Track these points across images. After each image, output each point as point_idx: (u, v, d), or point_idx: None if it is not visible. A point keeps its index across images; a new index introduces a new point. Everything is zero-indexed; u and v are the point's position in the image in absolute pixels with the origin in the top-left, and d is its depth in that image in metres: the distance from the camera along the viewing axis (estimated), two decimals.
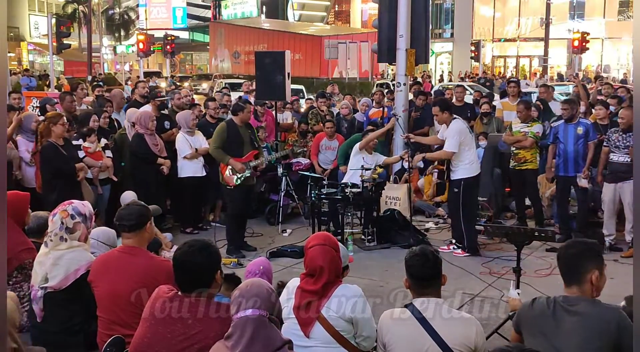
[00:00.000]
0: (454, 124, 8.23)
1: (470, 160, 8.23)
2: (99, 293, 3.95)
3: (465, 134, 8.18)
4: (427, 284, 3.46)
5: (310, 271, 3.69)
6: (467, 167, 8.24)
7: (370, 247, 8.65)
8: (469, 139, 8.25)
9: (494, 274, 7.53)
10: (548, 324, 3.20)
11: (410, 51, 11.21)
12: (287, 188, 9.86)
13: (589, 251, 3.27)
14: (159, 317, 3.30)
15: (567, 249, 3.30)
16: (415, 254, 3.51)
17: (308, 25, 53.41)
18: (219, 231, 8.75)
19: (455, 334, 3.33)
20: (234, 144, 8.31)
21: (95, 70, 40.52)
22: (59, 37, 23.70)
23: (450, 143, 8.15)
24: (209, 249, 3.35)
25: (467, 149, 8.18)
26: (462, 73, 43.32)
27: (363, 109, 12.06)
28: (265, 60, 10.26)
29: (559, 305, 3.23)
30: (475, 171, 8.30)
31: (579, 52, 32.42)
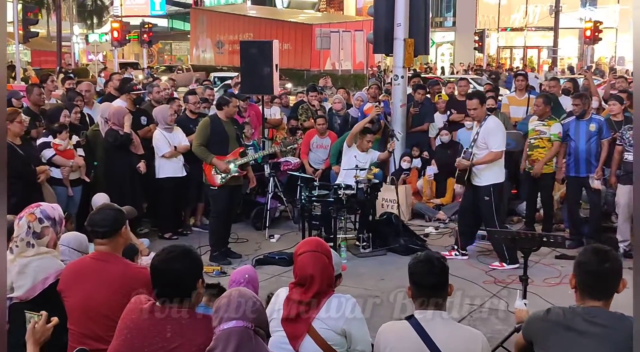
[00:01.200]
0: (492, 120, 8.06)
1: (499, 163, 8.10)
2: (70, 304, 3.94)
3: (504, 130, 8.09)
4: (431, 294, 3.46)
5: (300, 280, 3.70)
6: (497, 170, 8.09)
7: (365, 254, 8.66)
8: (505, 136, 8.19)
9: (498, 283, 7.55)
10: (567, 336, 3.20)
11: (409, 41, 11.24)
12: (275, 190, 9.85)
13: (621, 264, 3.28)
14: (135, 329, 3.30)
15: (601, 263, 3.22)
16: (419, 260, 3.51)
17: (298, 13, 53.40)
18: (201, 236, 8.74)
19: (459, 351, 3.34)
20: (218, 140, 8.31)
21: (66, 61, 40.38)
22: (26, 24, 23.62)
23: (497, 141, 7.95)
24: (190, 256, 3.35)
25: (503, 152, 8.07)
26: (465, 65, 43.42)
27: (357, 103, 12.08)
28: (251, 51, 10.27)
29: (579, 316, 3.23)
30: (503, 177, 8.20)
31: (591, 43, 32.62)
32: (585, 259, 3.28)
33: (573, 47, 46.19)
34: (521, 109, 11.23)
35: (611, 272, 3.21)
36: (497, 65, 45.35)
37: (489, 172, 8.05)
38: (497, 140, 7.95)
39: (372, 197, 9.08)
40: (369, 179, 9.03)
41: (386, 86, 15.21)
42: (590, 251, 3.30)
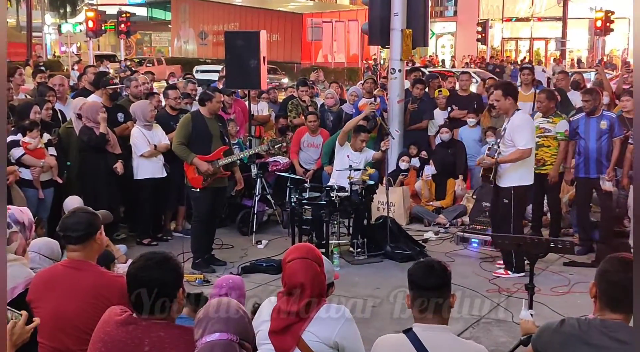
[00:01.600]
0: (520, 115, 7.89)
1: (527, 164, 7.92)
2: (40, 315, 3.92)
3: (533, 128, 7.92)
4: (431, 295, 3.45)
5: (289, 288, 3.69)
6: (522, 172, 7.91)
7: (360, 260, 8.67)
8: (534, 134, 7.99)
9: (503, 293, 7.57)
10: (583, 350, 3.20)
11: (407, 32, 11.26)
12: (263, 192, 9.85)
13: None
14: (110, 343, 3.28)
15: (624, 272, 3.19)
16: (420, 264, 3.55)
17: (287, 1, 53.37)
18: (183, 242, 8.72)
19: None
20: (201, 139, 8.31)
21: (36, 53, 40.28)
22: None
23: (524, 138, 7.75)
24: (169, 263, 3.34)
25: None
26: (467, 58, 43.56)
27: (351, 99, 12.08)
28: (237, 42, 10.26)
29: (596, 329, 3.22)
30: (529, 179, 8.00)
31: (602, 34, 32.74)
32: (609, 267, 3.25)
33: (583, 39, 46.38)
34: (527, 105, 11.21)
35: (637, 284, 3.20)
36: (502, 58, 45.48)
37: (513, 173, 7.88)
38: (524, 137, 7.75)
39: (367, 200, 9.09)
40: (363, 181, 9.03)
41: (382, 81, 15.23)
42: (615, 260, 3.29)
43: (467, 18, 47.60)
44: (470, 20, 45.89)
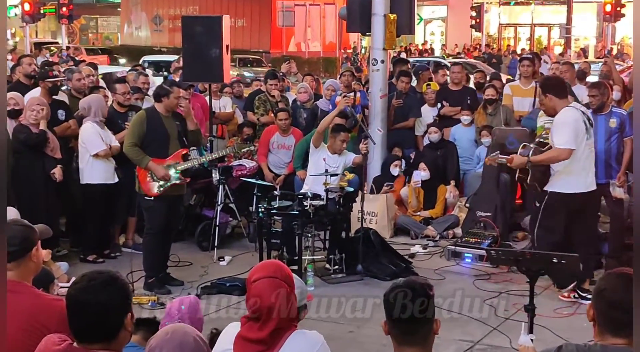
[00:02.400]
0: (562, 113, 7.67)
1: (573, 170, 7.68)
2: None
3: (579, 127, 7.61)
4: (411, 330, 3.44)
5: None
6: (566, 178, 7.71)
7: (338, 279, 8.68)
8: (582, 135, 7.65)
9: (499, 315, 7.61)
10: None
11: (390, 17, 11.30)
12: (226, 200, 9.83)
13: None
14: None
15: (628, 291, 3.20)
16: (396, 287, 3.46)
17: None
18: (134, 258, 8.68)
19: None
20: (156, 140, 8.30)
21: None
22: None
23: (564, 136, 7.54)
24: (116, 284, 3.32)
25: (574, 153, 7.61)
26: (460, 47, 43.78)
27: (328, 94, 12.11)
28: (196, 28, 10.24)
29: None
30: (573, 187, 7.72)
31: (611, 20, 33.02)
32: (607, 285, 3.28)
33: (590, 25, 46.78)
34: (527, 101, 11.36)
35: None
36: (499, 46, 45.79)
37: (557, 178, 7.73)
38: (564, 136, 7.57)
39: (345, 210, 9.10)
40: (341, 187, 9.05)
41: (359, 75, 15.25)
42: (614, 277, 3.31)
43: (460, 1, 47.81)
44: (463, 4, 46.08)
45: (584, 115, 7.71)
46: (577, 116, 7.65)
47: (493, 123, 11.07)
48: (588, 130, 7.71)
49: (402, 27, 11.63)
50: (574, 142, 7.57)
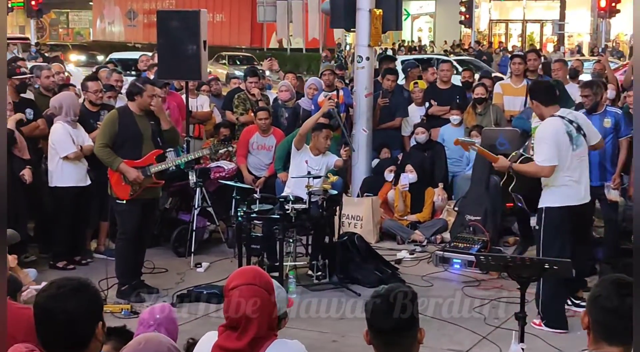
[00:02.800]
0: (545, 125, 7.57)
1: (558, 182, 7.48)
2: None
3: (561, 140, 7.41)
4: (394, 340, 3.43)
5: (232, 321, 3.68)
6: (554, 191, 7.52)
7: (321, 286, 8.68)
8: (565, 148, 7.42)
9: (489, 324, 7.62)
10: None
11: (376, 13, 11.31)
12: (203, 204, 9.81)
13: None
14: None
15: (623, 298, 3.22)
16: (378, 296, 3.47)
17: None
18: (106, 265, 8.66)
19: None
20: (129, 140, 8.28)
21: None
22: None
23: (542, 152, 7.43)
24: (86, 291, 3.31)
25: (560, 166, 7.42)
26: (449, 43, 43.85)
27: (310, 92, 12.10)
28: (172, 23, 10.23)
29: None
30: (565, 200, 7.46)
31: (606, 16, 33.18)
32: (602, 292, 3.28)
33: (585, 22, 47.01)
34: (518, 100, 11.40)
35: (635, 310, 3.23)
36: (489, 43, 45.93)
37: (546, 192, 7.56)
38: (543, 152, 7.43)
39: (329, 213, 9.10)
40: (324, 190, 9.04)
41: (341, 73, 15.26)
42: (609, 283, 3.30)
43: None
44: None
45: (570, 124, 7.46)
46: (559, 128, 7.46)
47: (483, 123, 11.10)
48: (574, 139, 7.44)
49: (388, 23, 11.64)
50: (554, 158, 7.38)
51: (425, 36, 52.65)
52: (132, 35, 49.35)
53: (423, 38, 52.16)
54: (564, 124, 7.44)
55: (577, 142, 7.47)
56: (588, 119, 8.90)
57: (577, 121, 7.55)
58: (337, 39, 41.61)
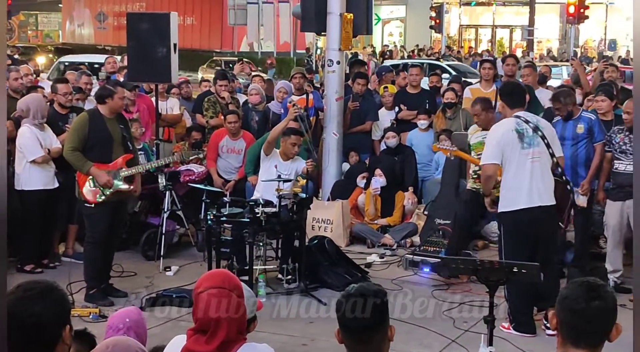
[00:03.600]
0: (496, 126, 7.68)
1: (508, 184, 7.46)
2: None
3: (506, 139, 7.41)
4: (365, 339, 3.47)
5: (202, 325, 3.66)
6: (504, 194, 7.52)
7: (290, 289, 8.67)
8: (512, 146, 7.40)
9: (458, 327, 7.66)
10: None
11: (347, 17, 11.33)
12: (173, 207, 9.78)
13: (615, 303, 3.29)
14: None
15: (590, 300, 3.24)
16: (349, 295, 3.51)
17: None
18: (74, 268, 8.61)
19: None
20: (99, 144, 8.25)
21: None
22: None
23: (485, 152, 7.60)
24: (53, 294, 3.29)
25: (507, 166, 7.44)
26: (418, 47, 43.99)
27: (280, 96, 12.10)
28: (142, 26, 10.21)
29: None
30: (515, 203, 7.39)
31: (575, 22, 33.47)
32: (571, 293, 3.30)
33: (553, 27, 47.42)
34: None
35: (602, 313, 3.23)
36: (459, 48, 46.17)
37: (501, 196, 7.56)
38: (486, 151, 7.59)
39: (299, 217, 9.09)
40: (295, 194, 9.05)
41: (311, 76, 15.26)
42: (577, 285, 3.33)
43: (419, 1, 48.18)
44: (423, 4, 46.43)
45: (525, 123, 7.40)
46: (507, 126, 7.45)
47: (452, 127, 11.15)
48: (526, 138, 7.35)
49: (359, 27, 11.66)
50: (494, 156, 7.41)
51: (396, 40, 52.81)
52: (102, 37, 49.10)
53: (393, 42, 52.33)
54: (515, 123, 7.41)
55: (529, 141, 7.37)
56: (564, 125, 8.97)
57: (538, 124, 7.51)
58: (308, 42, 41.65)
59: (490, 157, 7.46)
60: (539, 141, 7.42)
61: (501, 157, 7.38)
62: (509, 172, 7.41)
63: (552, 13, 46.19)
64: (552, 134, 7.67)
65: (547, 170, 7.52)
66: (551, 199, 7.48)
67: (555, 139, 7.71)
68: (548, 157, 7.50)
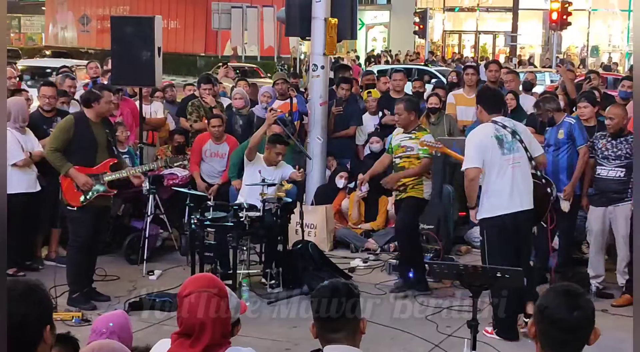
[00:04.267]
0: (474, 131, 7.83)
1: (488, 189, 7.50)
2: None
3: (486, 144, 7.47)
4: (336, 327, 3.53)
5: (186, 328, 3.66)
6: (484, 200, 7.54)
7: (274, 294, 8.67)
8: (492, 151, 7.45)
9: (441, 332, 7.67)
10: None
11: (331, 22, 11.35)
12: (156, 211, 9.76)
13: (593, 310, 3.29)
14: None
15: (570, 310, 3.23)
16: (322, 288, 3.63)
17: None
18: (57, 271, 8.57)
19: None
20: (84, 147, 8.23)
21: None
22: None
23: (466, 156, 7.61)
24: (36, 294, 3.27)
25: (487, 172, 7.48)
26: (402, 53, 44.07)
27: (264, 100, 12.09)
28: (126, 29, 10.20)
29: None
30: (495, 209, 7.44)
31: (557, 28, 33.63)
32: (549, 303, 3.28)
33: (536, 34, 47.59)
34: (471, 110, 11.45)
35: (582, 322, 3.23)
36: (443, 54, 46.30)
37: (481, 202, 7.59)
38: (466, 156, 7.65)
39: (283, 221, 9.10)
40: (279, 198, 9.04)
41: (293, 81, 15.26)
42: (556, 293, 3.32)
43: (403, 6, 48.28)
44: (407, 10, 46.57)
45: (503, 129, 7.49)
46: (486, 132, 7.53)
47: (436, 133, 11.11)
48: (505, 144, 7.44)
49: (343, 32, 11.69)
50: (474, 160, 7.45)
51: (379, 46, 52.88)
52: (85, 41, 49.00)
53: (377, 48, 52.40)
54: (494, 129, 7.48)
55: (509, 147, 7.46)
56: (547, 130, 9.01)
57: (515, 129, 7.57)
58: (291, 47, 41.64)
59: (471, 161, 7.47)
60: (518, 146, 7.51)
61: (482, 161, 7.43)
62: (490, 178, 7.45)
63: (535, 19, 46.33)
64: (529, 137, 7.74)
65: (528, 175, 7.60)
66: (530, 204, 7.54)
67: (532, 141, 7.78)
68: (527, 161, 7.59)
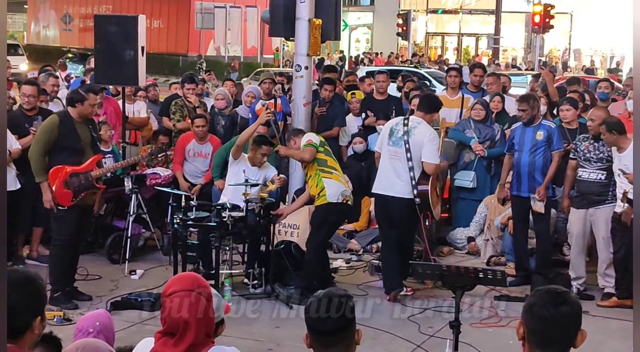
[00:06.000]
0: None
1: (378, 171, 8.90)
2: None
3: (383, 136, 8.84)
4: (332, 341, 3.51)
5: (170, 328, 3.65)
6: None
7: (257, 294, 8.66)
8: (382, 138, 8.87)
9: (424, 332, 7.70)
10: None
11: (315, 22, 11.34)
12: (139, 210, 9.74)
13: (580, 310, 3.34)
14: None
15: (557, 306, 3.29)
16: (317, 299, 3.58)
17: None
18: (39, 271, 8.51)
19: None
20: (69, 146, 8.23)
21: None
22: None
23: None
24: (31, 285, 3.28)
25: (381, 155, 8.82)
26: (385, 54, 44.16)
27: (248, 101, 12.08)
28: (109, 28, 10.18)
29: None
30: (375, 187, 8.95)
31: (540, 31, 33.80)
32: (537, 301, 3.33)
33: (519, 36, 47.85)
34: (454, 112, 11.52)
35: (569, 319, 3.28)
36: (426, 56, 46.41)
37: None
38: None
39: (265, 222, 9.09)
40: (262, 198, 9.03)
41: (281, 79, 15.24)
42: (543, 293, 3.36)
43: (386, 8, 48.39)
44: (390, 11, 46.69)
45: (402, 125, 8.56)
46: (390, 123, 8.86)
47: None
48: (392, 137, 8.59)
49: (327, 33, 11.67)
50: (378, 145, 8.90)
51: (362, 47, 52.96)
52: (68, 39, 48.74)
53: (360, 49, 52.48)
54: (395, 122, 8.75)
55: (394, 141, 8.59)
56: (523, 130, 9.09)
57: (411, 131, 8.50)
58: (275, 47, 41.67)
59: (377, 146, 9.01)
60: (401, 144, 8.53)
61: (381, 147, 8.81)
62: (381, 161, 8.78)
63: (517, 22, 46.62)
64: (419, 144, 8.48)
65: (404, 170, 8.53)
66: (403, 193, 8.54)
67: (425, 147, 8.49)
68: (405, 159, 8.50)
